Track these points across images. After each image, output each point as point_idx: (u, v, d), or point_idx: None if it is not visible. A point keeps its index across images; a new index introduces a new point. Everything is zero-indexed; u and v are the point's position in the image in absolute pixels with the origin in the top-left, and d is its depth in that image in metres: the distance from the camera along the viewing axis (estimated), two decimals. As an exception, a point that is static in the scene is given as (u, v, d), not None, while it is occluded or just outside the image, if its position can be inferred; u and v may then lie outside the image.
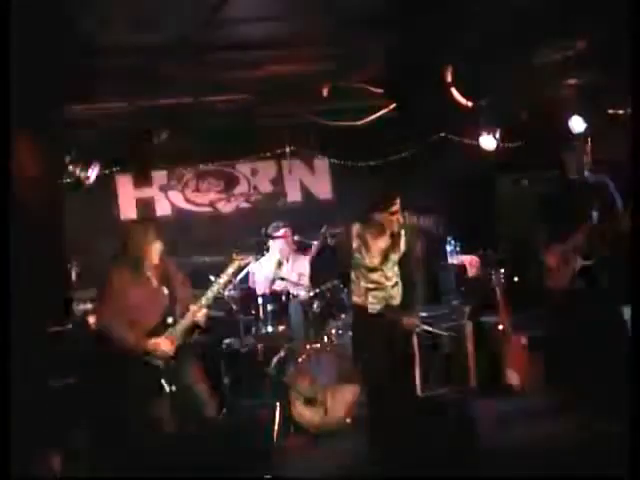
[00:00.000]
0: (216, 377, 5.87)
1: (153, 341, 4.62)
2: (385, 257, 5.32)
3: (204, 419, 4.75)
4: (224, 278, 4.86)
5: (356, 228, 5.33)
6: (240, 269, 5.16)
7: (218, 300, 5.70)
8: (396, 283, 5.38)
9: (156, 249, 4.74)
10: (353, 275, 5.39)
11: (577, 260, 5.78)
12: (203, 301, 4.79)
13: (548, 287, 5.94)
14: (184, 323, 4.74)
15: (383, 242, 5.30)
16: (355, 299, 5.41)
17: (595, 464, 4.46)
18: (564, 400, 5.58)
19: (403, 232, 5.33)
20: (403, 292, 5.42)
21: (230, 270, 4.87)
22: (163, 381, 4.61)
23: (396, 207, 5.19)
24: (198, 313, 4.78)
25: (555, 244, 5.88)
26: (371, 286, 5.33)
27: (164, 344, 4.64)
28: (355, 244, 5.31)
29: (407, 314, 5.36)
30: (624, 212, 5.54)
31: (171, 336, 4.68)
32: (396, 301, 5.37)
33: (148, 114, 6.11)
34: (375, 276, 5.31)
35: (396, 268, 5.37)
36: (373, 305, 5.34)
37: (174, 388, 4.63)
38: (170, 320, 4.73)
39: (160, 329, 4.69)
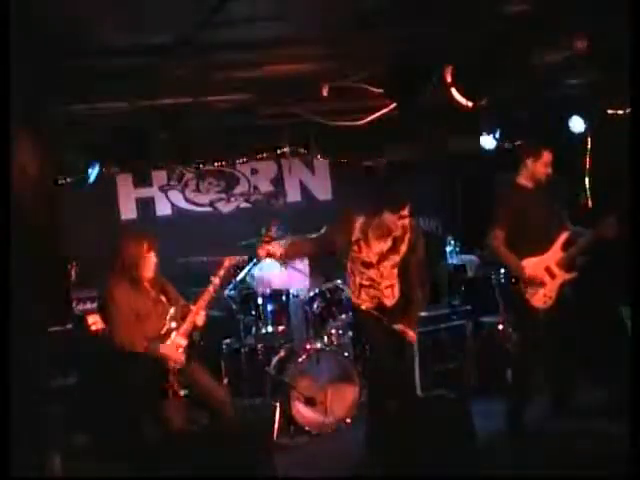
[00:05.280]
0: (216, 377, 5.88)
1: (162, 349, 4.73)
2: (383, 257, 5.30)
3: (221, 418, 4.82)
4: (216, 280, 5.00)
5: (360, 221, 5.31)
6: (231, 269, 5.25)
7: (218, 300, 5.72)
8: (391, 285, 5.35)
9: (151, 262, 4.88)
10: (349, 268, 5.38)
11: (562, 274, 5.31)
12: (201, 303, 4.92)
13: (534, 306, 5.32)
14: (186, 327, 4.85)
15: (384, 244, 5.28)
16: (349, 293, 5.41)
17: (595, 464, 4.46)
18: (565, 400, 5.58)
19: (407, 238, 5.30)
20: (403, 298, 5.39)
21: (221, 272, 5.02)
22: (175, 385, 4.69)
23: (405, 212, 5.18)
24: (197, 315, 4.90)
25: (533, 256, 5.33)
26: (365, 283, 5.29)
27: (171, 350, 4.75)
28: (355, 237, 5.28)
29: (407, 325, 5.32)
30: (605, 218, 5.22)
31: (177, 342, 4.79)
32: (389, 302, 5.34)
33: (148, 114, 6.10)
34: (370, 273, 5.30)
35: (395, 270, 5.34)
36: (365, 303, 5.34)
37: (186, 390, 4.71)
38: (174, 325, 4.83)
39: (165, 335, 4.80)
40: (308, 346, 6.10)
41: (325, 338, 6.28)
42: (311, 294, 6.36)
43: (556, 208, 5.49)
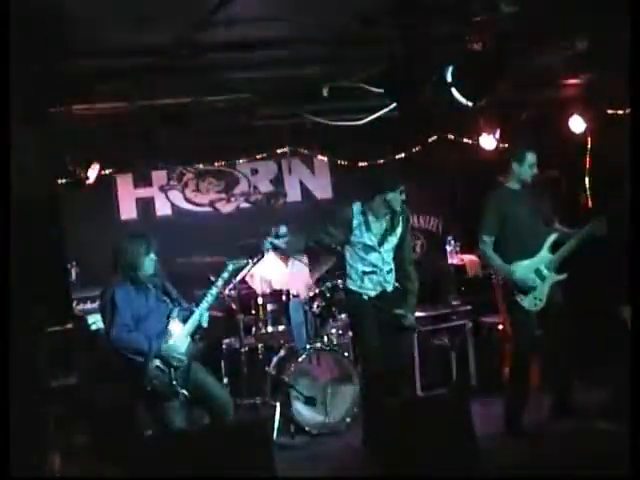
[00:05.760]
0: (216, 377, 5.87)
1: (164, 348, 4.73)
2: (384, 238, 5.39)
3: (221, 418, 4.84)
4: (220, 282, 5.05)
5: (357, 206, 5.40)
6: (233, 272, 5.28)
7: (218, 300, 5.71)
8: (391, 270, 5.43)
9: (151, 261, 4.87)
10: (349, 257, 5.42)
11: (552, 276, 5.38)
12: (204, 305, 4.93)
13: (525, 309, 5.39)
14: (188, 327, 4.86)
15: (384, 223, 5.39)
16: (350, 284, 5.43)
17: (595, 464, 4.46)
18: (565, 400, 5.58)
19: (402, 217, 5.38)
20: (400, 283, 5.49)
21: (225, 274, 5.09)
22: (175, 384, 4.70)
23: (402, 187, 5.31)
24: (201, 317, 4.91)
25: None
26: (367, 269, 5.37)
27: (173, 350, 4.74)
28: (355, 222, 5.36)
29: (406, 309, 5.40)
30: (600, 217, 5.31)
31: (178, 342, 4.79)
32: (390, 287, 5.42)
33: (148, 114, 6.10)
34: (373, 257, 5.36)
35: (392, 254, 5.42)
36: (368, 290, 5.38)
37: (185, 392, 4.72)
38: (176, 326, 4.82)
39: (167, 335, 4.79)
40: (308, 346, 6.10)
41: (325, 338, 6.28)
42: (311, 294, 6.36)
43: (544, 209, 5.51)
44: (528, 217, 5.39)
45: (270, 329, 6.28)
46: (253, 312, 6.34)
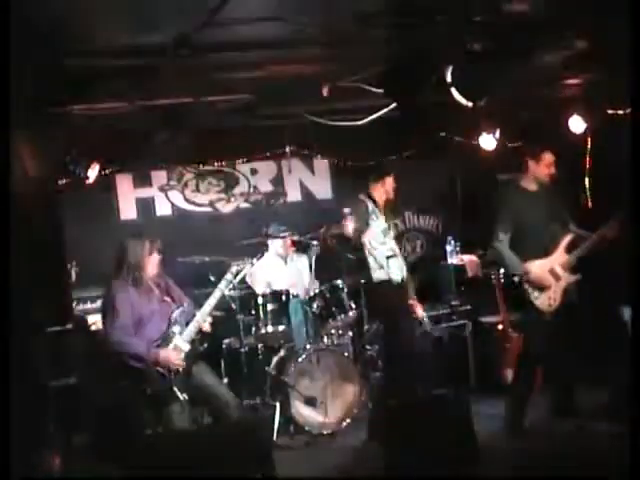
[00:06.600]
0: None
1: (163, 354, 4.69)
2: (387, 224, 5.95)
3: (225, 420, 4.80)
4: (223, 284, 5.02)
5: (362, 196, 5.90)
6: (237, 274, 5.27)
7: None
8: (399, 254, 5.99)
9: (154, 262, 4.85)
10: (370, 247, 5.78)
11: (566, 276, 5.36)
12: (206, 308, 4.89)
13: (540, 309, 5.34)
14: (191, 331, 4.82)
15: (383, 204, 5.96)
16: (377, 273, 5.76)
17: (595, 464, 4.46)
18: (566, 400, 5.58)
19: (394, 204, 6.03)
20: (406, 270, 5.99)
21: (228, 277, 5.07)
22: (175, 389, 4.67)
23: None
24: (203, 321, 4.89)
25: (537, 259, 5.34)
26: (389, 253, 5.79)
27: (173, 356, 4.71)
28: (370, 206, 5.83)
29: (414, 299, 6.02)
30: (613, 221, 5.24)
31: (179, 346, 4.76)
32: (404, 273, 5.93)
33: (148, 114, 6.09)
34: (388, 241, 5.84)
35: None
36: (395, 275, 5.79)
37: (185, 396, 4.69)
38: (177, 329, 4.79)
39: (168, 339, 4.77)
40: (308, 346, 6.10)
41: (325, 338, 6.28)
42: (311, 294, 6.35)
43: (559, 210, 5.50)
44: (543, 218, 5.38)
45: (270, 329, 6.27)
46: (253, 312, 6.33)
